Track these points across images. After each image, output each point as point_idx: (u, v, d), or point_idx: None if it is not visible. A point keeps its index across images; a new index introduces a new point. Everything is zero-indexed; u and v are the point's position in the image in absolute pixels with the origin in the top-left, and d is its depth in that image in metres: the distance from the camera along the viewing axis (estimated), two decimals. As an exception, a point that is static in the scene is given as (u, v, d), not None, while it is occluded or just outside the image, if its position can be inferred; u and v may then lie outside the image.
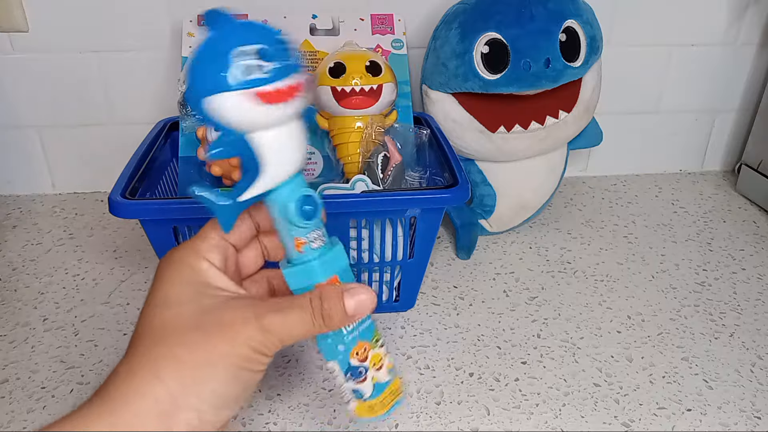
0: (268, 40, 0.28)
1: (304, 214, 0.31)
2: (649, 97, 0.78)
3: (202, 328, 0.29)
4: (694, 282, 0.60)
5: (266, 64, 0.28)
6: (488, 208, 0.65)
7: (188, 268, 0.31)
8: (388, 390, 0.34)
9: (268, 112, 0.29)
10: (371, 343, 0.33)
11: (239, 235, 0.34)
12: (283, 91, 0.28)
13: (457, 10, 0.59)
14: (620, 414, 0.45)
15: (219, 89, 0.28)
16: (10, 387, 0.47)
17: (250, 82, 0.28)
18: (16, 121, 0.71)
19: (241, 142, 0.29)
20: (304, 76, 0.30)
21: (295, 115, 0.30)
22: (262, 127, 0.29)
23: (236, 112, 0.28)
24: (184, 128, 0.58)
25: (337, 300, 0.31)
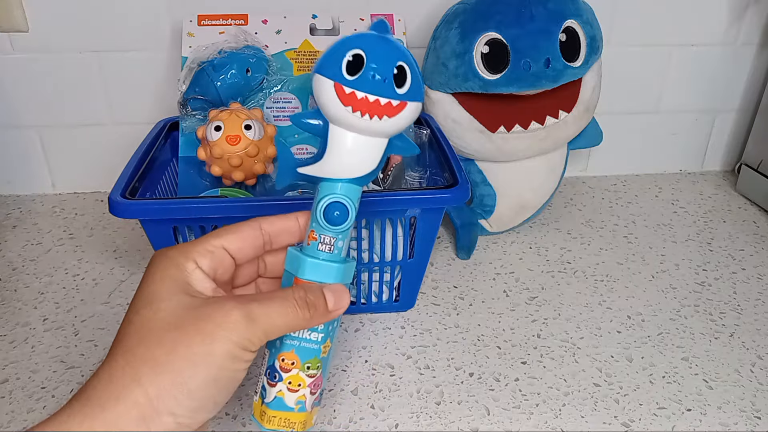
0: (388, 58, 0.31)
1: (328, 216, 0.33)
2: (649, 97, 0.78)
3: (180, 328, 0.28)
4: (694, 282, 0.60)
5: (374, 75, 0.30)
6: (488, 208, 0.65)
7: (174, 265, 0.31)
8: (285, 414, 0.33)
9: (347, 113, 0.31)
10: (302, 365, 0.33)
11: (240, 248, 0.34)
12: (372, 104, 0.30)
13: (457, 10, 0.59)
14: (620, 414, 0.45)
15: (324, 71, 0.31)
16: (10, 387, 0.47)
17: (343, 79, 0.30)
18: (16, 121, 0.71)
19: (324, 126, 0.32)
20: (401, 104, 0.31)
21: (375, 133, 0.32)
22: (341, 124, 0.32)
23: (325, 99, 0.31)
24: (184, 128, 0.58)
25: (320, 293, 0.32)
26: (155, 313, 0.29)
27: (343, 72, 0.30)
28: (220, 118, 0.52)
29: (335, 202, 0.32)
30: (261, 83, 0.59)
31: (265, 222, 0.34)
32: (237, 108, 0.54)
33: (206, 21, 0.62)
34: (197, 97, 0.57)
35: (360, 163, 0.32)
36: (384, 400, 0.46)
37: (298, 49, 0.62)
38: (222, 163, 0.53)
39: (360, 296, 0.54)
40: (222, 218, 0.47)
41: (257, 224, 0.34)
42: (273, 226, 0.34)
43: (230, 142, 0.52)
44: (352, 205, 0.33)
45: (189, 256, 0.31)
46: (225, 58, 0.56)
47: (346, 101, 0.30)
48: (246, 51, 0.57)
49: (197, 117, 0.57)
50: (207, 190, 0.56)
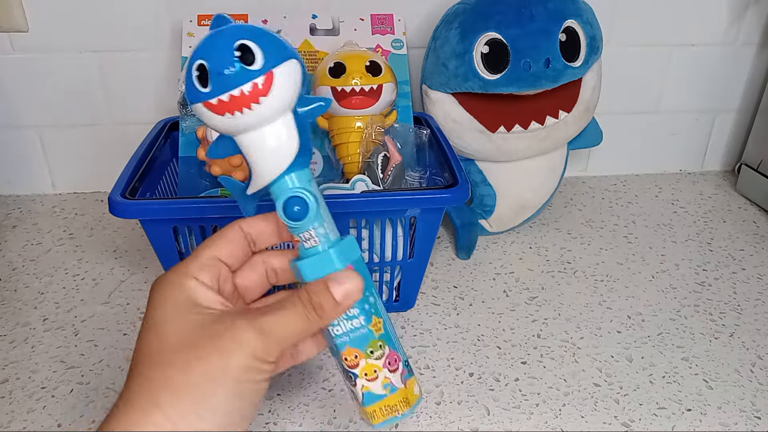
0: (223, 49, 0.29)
1: (290, 214, 0.31)
2: (649, 97, 0.78)
3: (192, 345, 0.28)
4: (694, 282, 0.60)
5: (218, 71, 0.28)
6: (488, 208, 0.65)
7: (176, 288, 0.31)
8: (382, 403, 0.34)
9: (226, 120, 0.29)
10: (364, 353, 0.33)
11: (230, 253, 0.33)
12: (235, 100, 0.29)
13: (457, 10, 0.59)
14: (620, 414, 0.45)
15: (190, 100, 0.30)
16: (10, 387, 0.47)
17: (203, 95, 0.29)
18: (16, 121, 0.71)
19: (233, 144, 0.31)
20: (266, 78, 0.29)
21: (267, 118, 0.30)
22: (234, 132, 0.30)
23: (207, 120, 0.30)
24: (184, 128, 0.58)
25: (324, 290, 0.31)
26: (164, 336, 0.29)
27: (198, 89, 0.29)
28: (220, 118, 0.52)
29: (289, 198, 0.31)
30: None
31: (244, 223, 0.34)
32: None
33: (206, 21, 0.62)
34: (197, 97, 0.56)
35: (280, 151, 0.31)
36: (384, 400, 0.46)
37: (298, 49, 0.62)
38: (222, 163, 0.53)
39: (360, 296, 0.54)
40: (222, 218, 0.47)
41: (237, 225, 0.34)
42: (252, 228, 0.34)
43: (230, 142, 0.51)
44: (305, 192, 0.31)
45: (187, 274, 0.31)
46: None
47: (219, 111, 0.29)
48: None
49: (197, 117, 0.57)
50: (207, 190, 0.56)
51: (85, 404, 0.45)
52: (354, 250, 0.33)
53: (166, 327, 0.29)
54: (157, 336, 0.29)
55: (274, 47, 0.29)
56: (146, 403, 0.27)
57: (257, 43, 0.29)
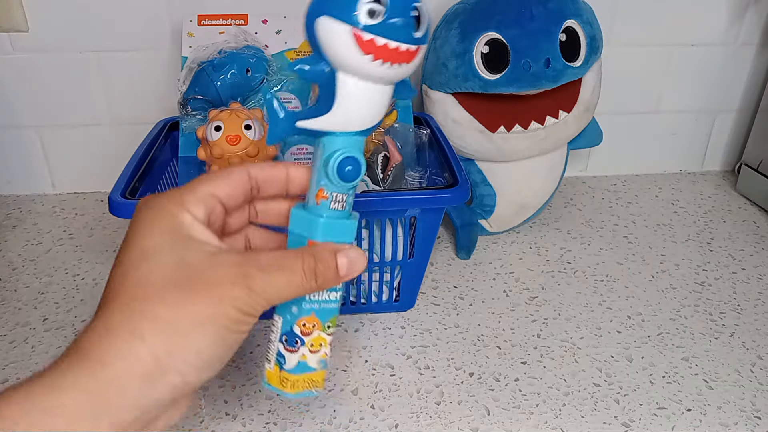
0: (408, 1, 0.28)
1: (341, 172, 0.31)
2: (649, 97, 0.78)
3: (185, 286, 0.27)
4: (694, 282, 0.60)
5: (394, 19, 0.28)
6: (488, 208, 0.65)
7: (169, 216, 0.29)
8: (308, 376, 0.33)
9: (367, 62, 0.28)
10: (322, 325, 0.33)
11: (230, 194, 0.32)
12: (392, 51, 0.28)
13: (457, 10, 0.59)
14: (620, 414, 0.45)
15: (335, 14, 0.28)
16: (10, 387, 0.47)
17: (362, 25, 0.27)
18: (16, 121, 0.71)
19: (329, 74, 0.30)
20: (418, 49, 0.29)
21: (392, 80, 0.30)
22: (355, 73, 0.29)
23: (338, 46, 0.28)
24: (184, 128, 0.58)
25: (331, 259, 0.30)
26: (154, 270, 0.27)
27: (361, 17, 0.27)
28: (220, 118, 0.52)
29: (348, 157, 0.30)
30: (261, 83, 0.59)
31: (254, 168, 0.33)
32: (237, 108, 0.54)
33: (206, 21, 0.62)
34: (197, 97, 0.57)
35: (371, 113, 0.31)
36: (384, 400, 0.46)
37: (298, 49, 0.62)
38: (222, 163, 0.53)
39: (360, 296, 0.54)
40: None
41: (245, 170, 0.33)
42: (262, 173, 0.33)
43: (230, 142, 0.52)
44: (363, 158, 0.31)
45: (182, 205, 0.30)
46: (225, 58, 0.56)
47: (366, 49, 0.28)
48: (246, 51, 0.57)
49: (197, 117, 0.57)
50: (207, 190, 0.56)
51: (85, 404, 0.45)
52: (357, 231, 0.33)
53: (161, 259, 0.28)
54: (147, 267, 0.28)
55: (428, 26, 0.30)
56: (128, 334, 0.26)
57: (426, 15, 0.29)
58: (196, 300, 0.27)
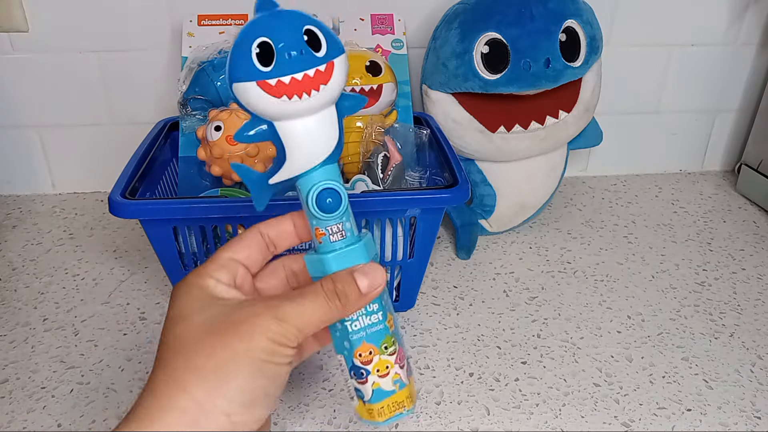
0: (292, 30, 0.29)
1: (322, 206, 0.31)
2: (649, 97, 0.78)
3: (215, 332, 0.29)
4: (694, 282, 0.60)
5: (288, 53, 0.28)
6: (488, 208, 0.65)
7: (196, 287, 0.31)
8: (390, 399, 0.34)
9: (281, 104, 0.29)
10: (378, 349, 0.33)
11: (248, 255, 0.34)
12: (303, 82, 0.29)
13: (457, 10, 0.59)
14: (620, 414, 0.45)
15: (239, 77, 0.29)
16: (10, 387, 0.47)
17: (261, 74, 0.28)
18: (16, 121, 0.71)
19: (270, 129, 0.30)
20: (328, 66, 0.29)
21: (320, 106, 0.30)
22: (281, 117, 0.30)
23: (255, 101, 0.29)
24: (184, 128, 0.58)
25: (350, 279, 0.31)
26: (188, 326, 0.29)
27: (257, 67, 0.28)
28: (220, 118, 0.52)
29: (323, 190, 0.31)
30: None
31: (263, 226, 0.34)
32: (237, 108, 0.54)
33: (206, 21, 0.62)
34: (197, 97, 0.57)
35: (322, 143, 0.31)
36: (384, 400, 0.46)
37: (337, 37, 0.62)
38: (222, 163, 0.53)
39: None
40: (222, 218, 0.47)
41: (256, 229, 0.34)
42: (271, 229, 0.34)
43: (230, 142, 0.51)
44: (338, 185, 0.32)
45: (205, 275, 0.32)
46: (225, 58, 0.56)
47: (277, 93, 0.29)
48: (246, 51, 0.57)
49: (197, 117, 0.57)
50: (207, 190, 0.56)
51: (85, 404, 0.45)
52: (373, 246, 0.34)
53: (193, 318, 0.30)
54: (182, 326, 0.30)
55: (333, 38, 0.30)
56: (172, 389, 0.28)
57: (323, 32, 0.29)
58: (228, 341, 0.28)
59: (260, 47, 0.28)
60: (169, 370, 0.28)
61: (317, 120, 0.31)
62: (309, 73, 0.29)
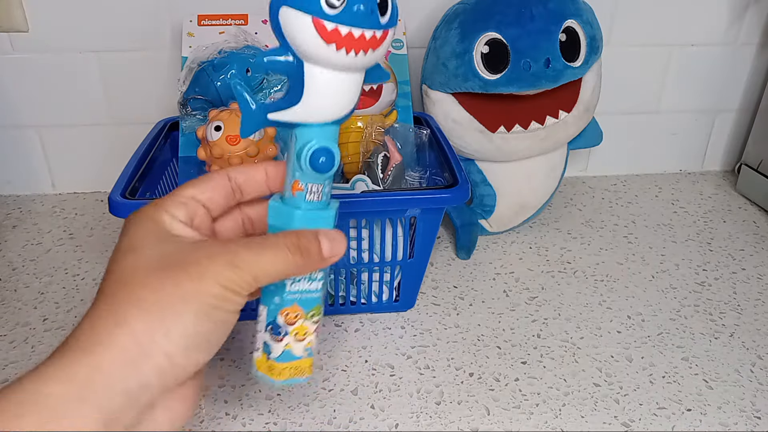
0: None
1: (314, 163, 0.30)
2: (649, 97, 0.78)
3: (166, 268, 0.27)
4: (694, 282, 0.60)
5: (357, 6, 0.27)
6: (488, 208, 0.65)
7: (150, 220, 0.30)
8: (295, 363, 0.33)
9: (332, 51, 0.28)
10: (305, 314, 0.33)
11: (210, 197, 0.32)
12: (357, 39, 0.27)
13: (457, 10, 0.59)
14: (620, 414, 0.45)
15: (295, 3, 0.27)
16: (10, 387, 0.47)
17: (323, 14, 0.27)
18: (16, 121, 0.71)
19: (297, 65, 0.29)
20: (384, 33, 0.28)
21: (360, 68, 0.29)
22: (320, 63, 0.29)
23: (301, 36, 0.27)
24: (184, 128, 0.58)
25: (314, 239, 0.30)
26: (137, 259, 0.28)
27: (322, 4, 0.26)
28: (220, 118, 0.52)
29: (320, 148, 0.30)
30: (261, 83, 0.59)
31: (233, 171, 0.33)
32: (237, 108, 0.54)
33: (206, 21, 0.62)
34: (197, 97, 0.57)
35: (342, 102, 0.30)
36: (384, 400, 0.46)
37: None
38: (222, 163, 0.53)
39: (360, 296, 0.54)
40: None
41: (225, 173, 0.33)
42: (241, 175, 0.33)
43: (230, 142, 0.51)
44: (336, 148, 0.31)
45: (162, 209, 0.30)
46: (225, 58, 0.56)
47: (329, 38, 0.27)
48: (246, 51, 0.57)
49: (197, 117, 0.57)
50: (207, 190, 0.56)
51: (85, 404, 0.45)
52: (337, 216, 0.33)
53: (142, 251, 0.28)
54: (131, 258, 0.28)
55: (396, 8, 0.29)
56: (111, 324, 0.26)
57: None
58: (177, 279, 0.27)
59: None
60: (110, 301, 0.27)
61: (349, 79, 0.30)
62: (366, 34, 0.27)
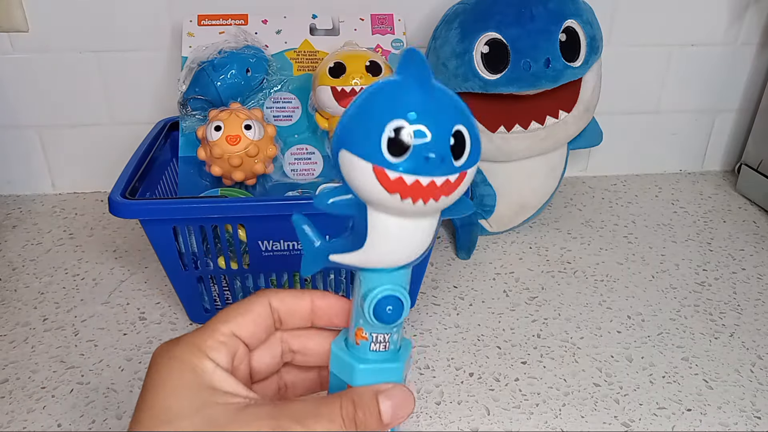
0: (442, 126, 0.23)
1: (379, 313, 0.27)
2: (649, 97, 0.78)
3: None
4: (694, 282, 0.60)
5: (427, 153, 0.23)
6: (488, 208, 0.65)
7: (189, 370, 0.26)
8: None
9: (396, 201, 0.24)
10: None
11: (253, 332, 0.29)
12: (426, 188, 0.23)
13: (457, 10, 0.59)
14: (620, 414, 0.45)
15: (355, 150, 0.24)
16: (10, 387, 0.47)
17: (384, 162, 0.23)
18: (16, 121, 0.71)
19: (360, 206, 0.26)
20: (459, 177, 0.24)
21: (430, 214, 0.26)
22: (385, 210, 0.25)
23: (361, 183, 0.24)
24: (184, 128, 0.58)
25: (372, 404, 0.27)
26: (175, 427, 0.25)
27: (384, 152, 0.23)
28: (220, 118, 0.52)
29: (387, 296, 0.27)
30: (261, 83, 0.59)
31: (275, 299, 0.30)
32: (237, 108, 0.54)
33: (206, 21, 0.62)
34: (197, 97, 0.57)
35: (411, 247, 0.26)
36: (384, 400, 0.46)
37: (298, 49, 0.62)
38: (222, 163, 0.53)
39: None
40: (222, 218, 0.47)
41: (266, 300, 0.30)
42: (284, 305, 0.30)
43: (230, 142, 0.52)
44: (405, 295, 0.27)
45: (201, 352, 0.27)
46: (225, 58, 0.56)
47: (392, 188, 0.23)
48: (246, 51, 0.57)
49: (197, 117, 0.57)
50: (207, 190, 0.56)
51: (85, 404, 0.45)
52: (410, 363, 0.30)
53: (182, 424, 0.25)
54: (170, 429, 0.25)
55: (477, 145, 0.25)
56: None
57: (471, 137, 0.24)
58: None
59: (396, 132, 0.23)
60: None
61: (418, 225, 0.26)
62: (437, 181, 0.23)
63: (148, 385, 0.26)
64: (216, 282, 0.52)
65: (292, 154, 0.59)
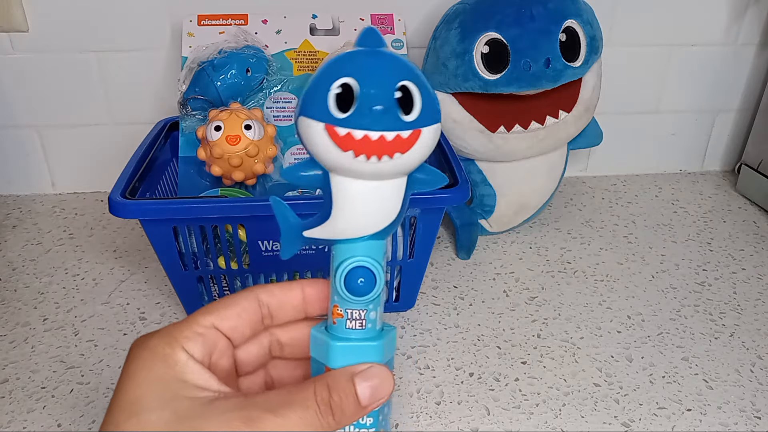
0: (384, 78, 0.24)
1: (351, 285, 0.27)
2: (649, 97, 0.78)
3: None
4: (694, 282, 0.60)
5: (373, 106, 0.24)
6: (488, 208, 0.65)
7: (161, 361, 0.25)
8: None
9: (350, 159, 0.24)
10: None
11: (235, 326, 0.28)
12: (376, 143, 0.24)
13: (457, 10, 0.59)
14: (620, 414, 0.45)
15: (307, 113, 0.24)
16: (10, 387, 0.47)
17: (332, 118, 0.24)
18: (16, 121, 0.71)
19: (324, 177, 0.26)
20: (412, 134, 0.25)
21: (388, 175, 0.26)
22: (340, 171, 0.25)
23: (317, 145, 0.25)
24: (184, 128, 0.58)
25: (348, 386, 0.26)
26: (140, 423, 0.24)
27: (331, 109, 0.24)
28: (220, 118, 0.52)
29: (357, 267, 0.26)
30: (261, 83, 0.59)
31: (264, 292, 0.29)
32: (237, 108, 0.54)
33: (206, 21, 0.62)
34: (197, 97, 0.57)
35: (377, 214, 0.26)
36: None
37: (298, 49, 0.62)
38: (222, 163, 0.53)
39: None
40: (222, 218, 0.47)
41: (254, 295, 0.29)
42: (273, 298, 0.29)
43: (230, 142, 0.52)
44: (378, 267, 0.27)
45: (176, 343, 0.26)
46: (225, 58, 0.56)
47: (343, 145, 0.24)
48: (246, 51, 0.57)
49: (197, 117, 0.57)
50: (207, 190, 0.56)
51: (85, 404, 0.45)
52: (393, 347, 0.29)
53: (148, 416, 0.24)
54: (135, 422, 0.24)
55: (431, 103, 0.25)
56: None
57: (421, 93, 0.25)
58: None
59: (342, 88, 0.24)
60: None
61: (380, 188, 0.26)
62: (386, 136, 0.24)
63: (122, 375, 0.26)
64: (216, 282, 0.52)
65: (292, 154, 0.59)
